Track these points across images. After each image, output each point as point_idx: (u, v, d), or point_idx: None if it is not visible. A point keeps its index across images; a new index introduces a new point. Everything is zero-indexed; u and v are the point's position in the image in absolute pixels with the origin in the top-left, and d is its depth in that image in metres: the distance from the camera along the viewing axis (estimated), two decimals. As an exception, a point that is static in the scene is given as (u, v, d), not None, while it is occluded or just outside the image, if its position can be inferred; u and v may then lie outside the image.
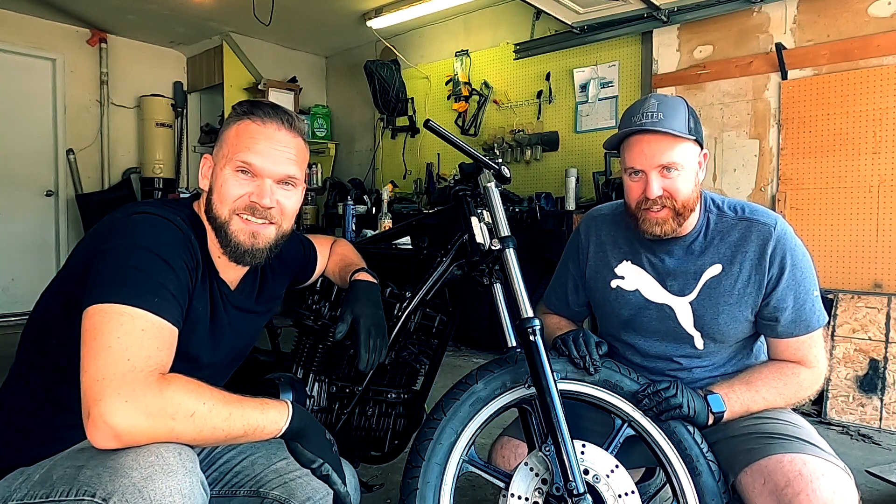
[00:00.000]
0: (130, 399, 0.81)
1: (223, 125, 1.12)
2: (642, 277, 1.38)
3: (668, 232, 1.27)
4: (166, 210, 1.03)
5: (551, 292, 1.59)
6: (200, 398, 0.86)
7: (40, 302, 1.05)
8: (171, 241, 0.98)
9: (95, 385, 0.81)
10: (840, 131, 3.17)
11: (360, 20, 5.00)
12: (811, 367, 1.30)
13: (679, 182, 1.24)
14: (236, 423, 0.88)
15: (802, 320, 1.28)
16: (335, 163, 6.12)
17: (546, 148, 4.42)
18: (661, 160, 1.23)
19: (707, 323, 1.32)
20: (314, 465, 0.98)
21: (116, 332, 0.85)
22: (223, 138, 1.10)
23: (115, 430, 0.80)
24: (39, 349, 1.02)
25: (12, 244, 5.16)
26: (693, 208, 1.28)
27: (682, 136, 1.23)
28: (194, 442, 0.87)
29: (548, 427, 1.15)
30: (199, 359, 1.08)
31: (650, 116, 1.24)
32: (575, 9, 3.74)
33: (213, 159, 1.11)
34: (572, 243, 1.53)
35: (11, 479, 0.92)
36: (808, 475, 1.05)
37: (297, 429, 0.96)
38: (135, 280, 0.90)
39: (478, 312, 3.80)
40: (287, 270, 1.33)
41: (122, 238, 0.95)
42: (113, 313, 0.86)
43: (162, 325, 0.90)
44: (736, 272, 1.30)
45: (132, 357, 0.84)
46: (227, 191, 1.06)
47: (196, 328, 1.04)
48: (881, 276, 3.05)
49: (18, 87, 5.14)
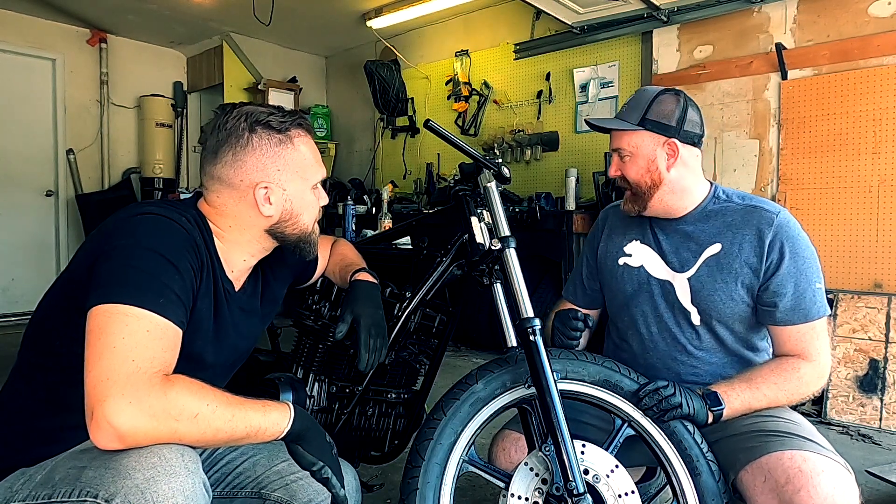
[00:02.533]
0: (134, 400, 0.80)
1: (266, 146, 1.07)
2: (647, 255, 1.46)
3: (632, 210, 1.43)
4: (171, 210, 1.02)
5: (570, 282, 1.68)
6: (204, 399, 0.86)
7: (42, 303, 1.05)
8: (177, 241, 0.98)
9: (100, 385, 0.81)
10: (840, 131, 3.16)
11: (360, 20, 5.00)
12: (812, 360, 1.30)
13: (628, 165, 1.40)
14: (239, 424, 0.88)
15: (801, 308, 1.29)
16: (335, 163, 6.12)
17: (546, 148, 4.42)
18: (614, 145, 1.43)
19: (703, 298, 1.36)
20: (314, 467, 0.98)
21: (121, 333, 0.85)
22: (290, 163, 1.09)
23: (119, 431, 0.79)
24: (42, 350, 1.02)
25: (12, 244, 5.16)
26: (649, 191, 1.39)
27: (625, 129, 1.38)
28: (197, 443, 0.87)
29: (548, 427, 1.15)
30: (202, 359, 1.08)
31: (622, 110, 1.43)
32: (575, 9, 3.74)
33: (278, 185, 1.08)
34: (591, 232, 1.65)
35: (13, 480, 0.92)
36: (809, 471, 1.06)
37: (299, 431, 0.96)
38: (140, 281, 0.90)
39: (478, 312, 3.80)
40: (288, 271, 1.33)
41: (126, 238, 0.94)
42: (118, 314, 0.86)
43: (166, 325, 0.89)
44: (735, 251, 1.34)
45: (137, 358, 0.84)
46: (313, 211, 1.16)
47: (200, 328, 1.04)
48: (881, 276, 3.05)
49: (18, 87, 5.14)
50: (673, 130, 1.36)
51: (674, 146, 1.37)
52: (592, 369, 1.27)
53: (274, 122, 1.08)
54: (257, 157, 1.07)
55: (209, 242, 1.08)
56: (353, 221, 4.73)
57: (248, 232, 1.11)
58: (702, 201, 1.41)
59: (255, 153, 1.07)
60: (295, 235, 1.14)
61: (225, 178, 1.07)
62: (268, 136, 1.07)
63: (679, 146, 1.36)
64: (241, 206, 1.09)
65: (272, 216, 1.10)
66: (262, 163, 1.07)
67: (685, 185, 1.39)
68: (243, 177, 1.07)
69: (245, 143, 1.06)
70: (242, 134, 1.06)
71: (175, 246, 0.97)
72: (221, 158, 1.07)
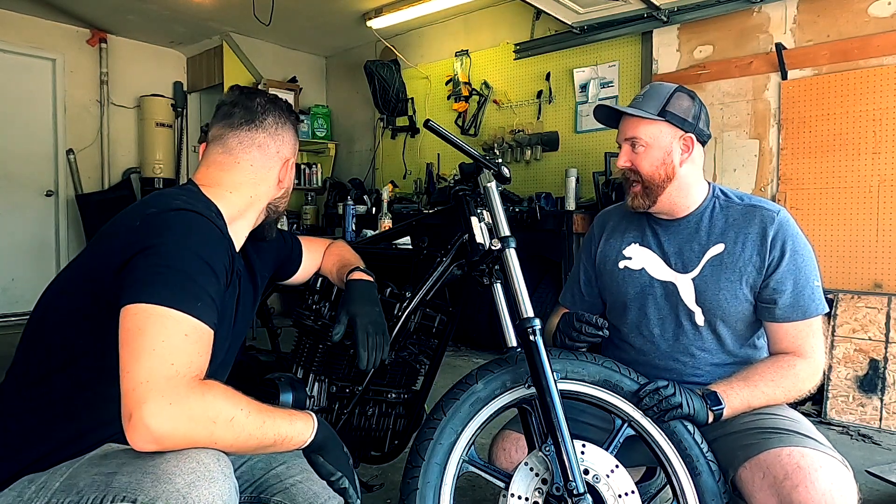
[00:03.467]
0: (175, 403, 0.80)
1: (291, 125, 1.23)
2: (648, 257, 1.45)
3: (640, 206, 1.40)
4: (201, 206, 1.02)
5: (566, 290, 1.65)
6: (238, 405, 0.87)
7: (43, 301, 1.03)
8: (212, 242, 0.98)
9: (140, 388, 0.80)
10: (840, 131, 3.17)
11: (360, 20, 5.00)
12: (808, 357, 1.31)
13: (643, 157, 1.37)
14: (269, 431, 0.89)
15: (800, 305, 1.30)
16: (335, 163, 6.12)
17: (546, 148, 4.42)
18: (628, 134, 1.39)
19: (708, 299, 1.36)
20: (332, 477, 0.99)
21: (161, 336, 0.84)
22: (288, 139, 1.22)
23: (157, 434, 0.79)
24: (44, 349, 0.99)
25: (12, 244, 5.16)
26: (661, 185, 1.38)
27: (646, 117, 1.35)
28: (230, 448, 0.87)
29: (548, 427, 1.15)
30: (215, 355, 1.07)
31: (636, 100, 1.40)
32: (575, 9, 3.74)
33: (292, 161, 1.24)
34: (586, 239, 1.63)
35: (22, 488, 0.90)
36: (807, 467, 1.06)
37: (321, 441, 0.97)
38: (178, 282, 0.89)
39: (478, 312, 3.80)
40: (271, 258, 1.35)
41: (163, 236, 0.93)
42: (157, 315, 0.85)
43: (203, 329, 0.89)
44: (738, 251, 1.34)
45: (176, 362, 0.83)
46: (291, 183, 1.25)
47: (222, 326, 1.03)
48: (881, 276, 3.05)
49: (18, 87, 5.14)
50: (689, 125, 1.37)
51: (690, 141, 1.37)
52: (592, 369, 1.27)
53: (285, 105, 1.24)
54: (291, 135, 1.22)
55: (226, 233, 1.07)
56: (353, 221, 4.73)
57: (258, 204, 1.18)
58: (703, 201, 1.41)
59: (290, 132, 1.22)
60: (282, 211, 1.26)
61: (265, 145, 1.17)
62: (294, 123, 1.24)
63: (694, 142, 1.38)
64: (267, 175, 1.18)
65: (284, 189, 1.23)
66: (292, 142, 1.23)
67: (691, 182, 1.40)
68: (280, 148, 1.19)
69: (284, 121, 1.21)
70: (282, 113, 1.21)
71: (211, 246, 0.97)
72: (266, 127, 1.17)
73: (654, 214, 1.44)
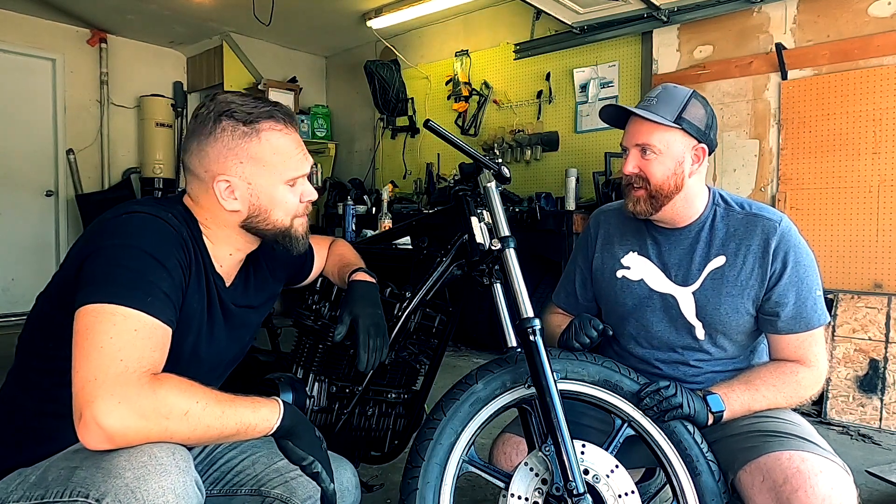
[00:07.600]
0: (123, 400, 0.80)
1: (228, 137, 1.03)
2: (647, 267, 1.40)
3: (642, 212, 1.34)
4: (158, 208, 1.02)
5: (560, 289, 1.62)
6: (193, 397, 0.86)
7: (36, 304, 1.04)
8: (164, 239, 0.97)
9: (88, 386, 0.81)
10: (840, 131, 3.16)
11: (360, 20, 5.00)
12: (811, 366, 1.30)
13: (654, 165, 1.30)
14: (229, 421, 0.88)
15: (803, 317, 1.29)
16: (335, 163, 6.12)
17: (546, 148, 4.42)
18: (639, 140, 1.31)
19: (709, 313, 1.33)
20: (304, 462, 0.98)
21: (109, 333, 0.84)
22: (255, 156, 1.04)
23: (108, 432, 0.79)
24: (35, 351, 1.02)
25: (12, 244, 5.16)
26: (669, 195, 1.31)
27: (662, 123, 1.28)
28: (188, 441, 0.87)
29: (548, 427, 1.15)
30: (196, 356, 1.07)
31: (647, 101, 1.32)
32: (575, 9, 3.74)
33: (242, 178, 1.04)
34: (582, 238, 1.58)
35: (10, 481, 0.92)
36: (807, 472, 1.06)
37: (288, 427, 0.96)
38: (127, 280, 0.89)
39: (478, 312, 3.80)
40: (282, 268, 1.33)
41: (113, 238, 0.94)
42: (105, 313, 0.86)
43: (155, 324, 0.89)
44: (739, 264, 1.31)
45: (125, 357, 0.83)
46: (288, 207, 1.09)
47: (191, 326, 1.04)
48: (881, 276, 3.05)
49: (18, 87, 5.14)
50: (703, 135, 1.31)
51: (702, 152, 1.32)
52: (592, 369, 1.27)
53: (239, 114, 1.03)
54: (218, 148, 1.03)
55: (198, 238, 1.07)
56: (353, 221, 4.73)
57: (224, 226, 1.09)
58: (704, 210, 1.36)
59: (216, 144, 1.03)
60: (270, 232, 1.10)
61: (191, 168, 1.06)
62: (231, 128, 1.03)
63: (705, 153, 1.32)
64: (208, 198, 1.06)
65: (239, 211, 1.06)
66: (223, 155, 1.03)
67: (696, 192, 1.35)
68: (207, 167, 1.04)
69: (208, 133, 1.03)
70: (207, 124, 1.03)
71: (162, 244, 0.96)
72: (189, 147, 1.06)
73: (653, 222, 1.39)
